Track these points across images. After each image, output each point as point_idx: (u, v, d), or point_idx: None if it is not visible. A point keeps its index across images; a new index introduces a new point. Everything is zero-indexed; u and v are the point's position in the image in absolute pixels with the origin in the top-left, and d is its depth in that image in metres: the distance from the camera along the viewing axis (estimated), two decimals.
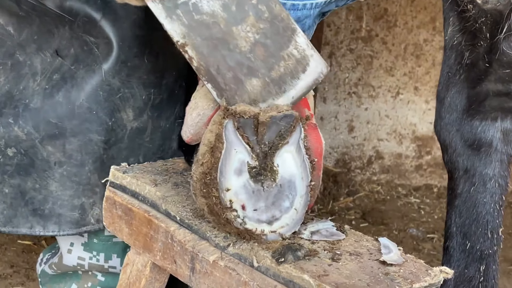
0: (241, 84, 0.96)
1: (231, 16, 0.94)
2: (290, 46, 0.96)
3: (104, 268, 1.42)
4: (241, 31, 0.95)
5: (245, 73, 0.96)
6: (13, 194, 1.32)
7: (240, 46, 0.95)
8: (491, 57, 1.43)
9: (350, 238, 1.03)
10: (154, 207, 1.14)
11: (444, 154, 1.56)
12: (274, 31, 0.95)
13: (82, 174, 1.31)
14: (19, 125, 1.29)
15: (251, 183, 0.99)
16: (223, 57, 0.96)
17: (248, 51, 0.95)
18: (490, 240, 1.51)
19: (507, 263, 2.53)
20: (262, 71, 0.96)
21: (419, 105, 3.02)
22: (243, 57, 0.96)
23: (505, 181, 1.51)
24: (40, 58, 1.28)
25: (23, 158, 1.31)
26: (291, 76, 0.97)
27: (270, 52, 0.96)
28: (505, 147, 1.50)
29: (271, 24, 0.95)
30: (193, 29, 0.95)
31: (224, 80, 0.96)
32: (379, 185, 3.06)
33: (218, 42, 0.95)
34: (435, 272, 0.94)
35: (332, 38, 2.92)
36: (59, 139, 1.30)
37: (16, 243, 2.37)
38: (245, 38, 0.95)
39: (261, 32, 0.95)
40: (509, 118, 1.49)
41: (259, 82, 0.96)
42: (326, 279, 0.89)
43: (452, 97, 1.51)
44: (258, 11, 0.95)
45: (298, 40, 0.96)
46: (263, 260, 0.95)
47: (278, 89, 0.97)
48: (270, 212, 1.00)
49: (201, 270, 1.02)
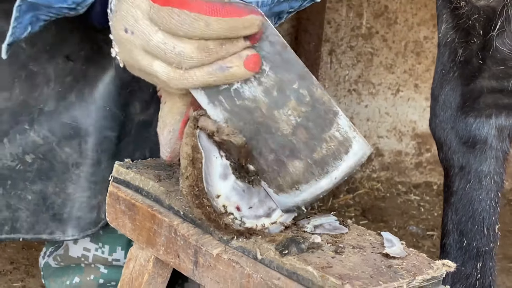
0: (283, 166, 0.98)
1: (273, 100, 0.96)
2: (332, 128, 0.97)
3: (108, 261, 1.43)
4: (283, 114, 0.96)
5: (287, 155, 0.97)
6: (35, 200, 1.33)
7: (282, 129, 0.97)
8: (484, 54, 1.44)
9: (352, 232, 1.04)
10: (158, 202, 1.14)
11: (439, 151, 1.57)
12: (315, 114, 0.97)
13: (99, 173, 1.32)
14: (35, 130, 1.30)
15: (239, 183, 1.00)
16: (265, 140, 0.97)
17: (290, 134, 0.97)
18: (487, 237, 1.51)
19: (507, 260, 2.54)
20: (304, 153, 0.97)
21: (419, 102, 3.03)
22: (285, 140, 0.97)
23: (500, 178, 1.52)
24: (53, 66, 1.29)
25: (42, 163, 1.31)
26: (333, 158, 0.98)
27: (312, 134, 0.97)
28: (500, 144, 1.51)
29: (312, 108, 0.96)
30: (235, 114, 0.97)
31: (266, 162, 0.98)
32: (379, 182, 3.07)
33: (260, 126, 0.97)
34: (437, 265, 0.95)
35: (332, 35, 2.92)
36: (75, 139, 1.31)
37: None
38: (286, 122, 0.97)
39: (303, 115, 0.96)
40: (503, 115, 1.50)
41: (301, 164, 0.98)
42: (329, 271, 0.89)
43: (447, 94, 1.52)
44: (299, 95, 0.96)
45: (340, 123, 0.97)
46: (267, 253, 0.96)
47: (321, 170, 0.98)
48: (266, 204, 1.01)
49: (205, 264, 1.03)
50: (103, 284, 1.46)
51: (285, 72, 0.96)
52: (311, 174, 0.98)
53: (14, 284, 2.12)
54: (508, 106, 1.49)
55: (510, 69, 1.44)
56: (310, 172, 0.98)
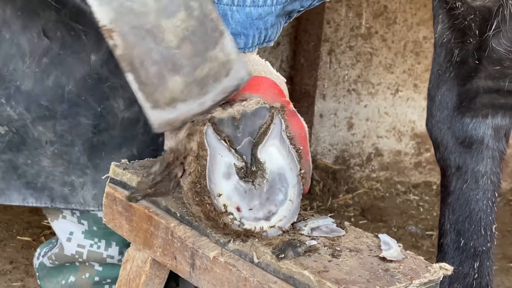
0: (163, 80, 0.94)
1: (162, 8, 0.92)
2: (216, 47, 0.94)
3: (102, 257, 1.43)
4: (171, 25, 0.92)
5: (169, 69, 0.93)
6: (4, 168, 1.36)
7: (168, 41, 0.93)
8: (480, 54, 1.44)
9: (350, 234, 1.03)
10: (155, 204, 1.14)
11: (436, 151, 1.57)
12: (203, 30, 0.93)
13: (72, 154, 1.36)
14: (11, 106, 1.33)
15: (242, 183, 1.00)
16: (149, 50, 0.93)
17: (175, 47, 0.93)
18: (484, 237, 1.51)
19: (506, 260, 2.54)
20: (187, 69, 0.94)
21: (418, 102, 3.03)
22: (169, 53, 0.93)
23: (497, 177, 1.52)
24: (27, 37, 1.29)
25: (14, 136, 1.35)
26: (213, 79, 0.95)
27: (197, 51, 0.93)
28: (497, 143, 1.51)
29: (200, 23, 0.93)
30: (122, 16, 0.92)
31: (147, 74, 0.94)
32: (378, 182, 3.07)
33: (146, 34, 0.92)
34: (434, 268, 0.95)
35: (331, 35, 2.92)
36: (50, 121, 1.34)
37: (15, 239, 2.37)
38: (173, 33, 0.92)
39: (190, 29, 0.93)
40: (499, 115, 1.50)
41: (182, 80, 0.94)
42: (326, 275, 0.89)
43: (443, 95, 1.52)
44: (190, 7, 0.93)
45: (225, 43, 0.95)
46: (263, 256, 0.96)
47: (200, 90, 0.95)
48: (266, 208, 1.01)
49: (201, 266, 1.03)
50: (98, 282, 1.46)
51: None
52: (189, 92, 0.95)
53: (13, 283, 2.13)
54: (505, 106, 1.49)
55: (506, 69, 1.44)
56: (189, 90, 0.94)
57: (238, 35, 1.10)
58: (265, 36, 1.14)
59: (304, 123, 1.10)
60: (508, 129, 1.52)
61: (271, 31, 1.15)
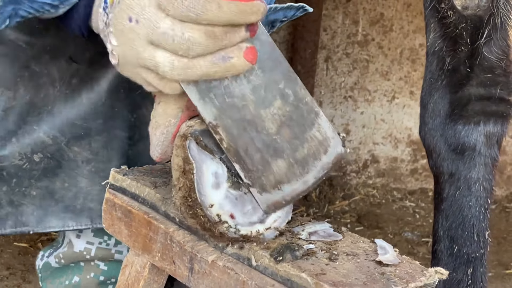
0: (268, 165, 0.99)
1: (260, 99, 0.97)
2: (313, 128, 1.00)
3: (111, 253, 1.44)
4: (269, 113, 0.98)
5: (272, 155, 0.99)
6: (41, 195, 1.35)
7: (268, 128, 0.98)
8: (472, 62, 1.46)
9: (347, 239, 1.04)
10: (154, 209, 1.15)
11: (429, 159, 1.59)
12: (299, 114, 0.99)
13: (110, 169, 1.34)
14: (44, 131, 1.32)
15: (232, 191, 1.01)
16: (251, 139, 0.98)
17: (275, 133, 0.98)
18: (477, 243, 1.52)
19: (501, 267, 2.55)
20: (288, 152, 0.99)
21: (414, 109, 3.04)
22: (270, 139, 0.98)
23: (489, 184, 1.53)
24: (56, 66, 1.30)
25: (49, 162, 1.34)
26: (313, 158, 1.00)
27: (295, 134, 0.99)
28: (489, 150, 1.52)
29: (296, 108, 0.99)
30: (225, 111, 0.97)
31: (252, 162, 0.99)
32: (375, 189, 3.08)
33: (247, 124, 0.98)
34: (430, 272, 0.96)
35: (328, 42, 2.94)
36: (85, 139, 1.33)
37: (12, 245, 2.37)
38: (272, 121, 0.98)
39: (287, 115, 0.98)
40: (491, 122, 1.51)
41: (285, 163, 0.99)
42: (323, 278, 0.90)
43: (435, 102, 1.54)
44: (284, 95, 0.98)
45: (321, 123, 1.00)
46: (261, 259, 0.97)
47: (302, 170, 1.00)
48: (259, 211, 1.02)
49: (200, 271, 1.04)
50: (103, 282, 1.47)
51: (272, 72, 0.97)
52: (293, 174, 0.99)
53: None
54: (496, 113, 1.50)
55: (498, 76, 1.46)
56: (292, 172, 0.99)
57: None
58: None
59: None
60: (500, 136, 1.53)
61: None
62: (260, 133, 0.98)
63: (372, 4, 2.93)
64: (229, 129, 0.98)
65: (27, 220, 1.36)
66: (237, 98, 0.97)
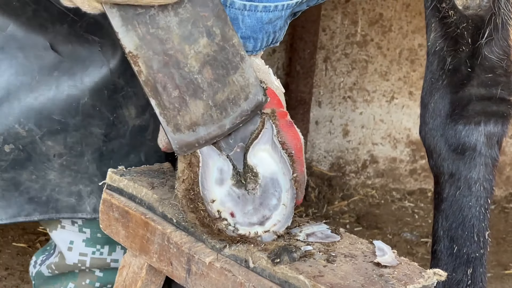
0: (184, 104, 0.96)
1: (186, 34, 0.94)
2: (237, 72, 0.97)
3: (106, 262, 1.43)
4: (193, 50, 0.95)
5: (190, 94, 0.96)
6: (4, 186, 1.33)
7: (190, 66, 0.95)
8: (473, 62, 1.45)
9: (345, 240, 1.04)
10: (151, 210, 1.15)
11: (429, 159, 1.58)
12: (224, 56, 0.96)
13: (81, 163, 1.33)
14: (20, 122, 1.30)
15: (235, 189, 1.00)
16: (171, 75, 0.95)
17: (197, 72, 0.95)
18: (477, 244, 1.52)
19: (500, 267, 2.54)
20: (207, 93, 0.96)
21: (413, 109, 3.04)
22: (191, 77, 0.95)
23: (490, 184, 1.53)
24: (33, 53, 1.28)
25: (20, 154, 1.32)
26: (233, 103, 0.97)
27: (217, 75, 0.96)
28: (489, 150, 1.52)
29: (222, 48, 0.96)
30: (147, 42, 0.94)
31: (169, 99, 0.96)
32: (374, 189, 3.07)
33: (169, 59, 0.95)
34: (428, 274, 0.95)
35: (327, 42, 2.93)
36: (61, 134, 1.32)
37: (10, 245, 2.37)
38: (195, 58, 0.95)
39: (212, 54, 0.96)
40: (492, 122, 1.51)
41: (202, 104, 0.96)
42: (321, 280, 0.90)
43: (436, 102, 1.53)
44: (212, 33, 0.95)
45: (245, 68, 0.97)
46: (259, 261, 0.96)
47: (219, 114, 0.97)
48: (260, 213, 1.02)
49: (197, 272, 1.03)
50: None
51: (202, 8, 0.94)
52: (210, 116, 0.97)
53: None
54: (497, 113, 1.50)
55: (498, 76, 1.46)
56: (210, 114, 0.97)
57: (248, 39, 1.11)
58: (273, 39, 1.15)
59: (300, 134, 1.11)
60: (501, 136, 1.53)
61: (279, 33, 1.16)
62: (182, 69, 0.95)
63: (371, 4, 2.92)
64: (149, 61, 0.94)
65: None
66: (161, 30, 0.93)
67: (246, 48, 1.17)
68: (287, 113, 1.11)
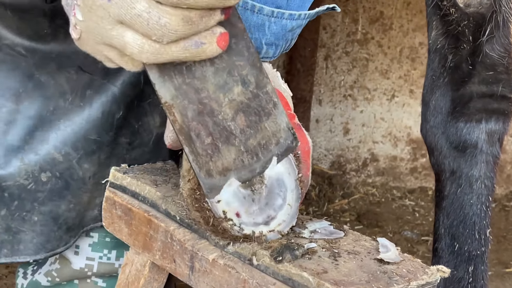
0: (217, 150, 0.97)
1: (221, 83, 0.95)
2: (269, 118, 0.98)
3: (114, 268, 1.40)
4: (227, 98, 0.96)
5: (223, 141, 0.97)
6: (43, 221, 1.27)
7: (224, 113, 0.96)
8: (474, 59, 1.45)
9: (348, 237, 1.04)
10: (154, 207, 1.15)
11: (430, 156, 1.58)
12: (257, 103, 0.97)
13: (106, 175, 1.30)
14: (56, 147, 1.26)
15: (241, 189, 1.00)
16: (205, 123, 0.96)
17: (230, 119, 0.96)
18: (478, 241, 1.52)
19: (501, 265, 2.55)
20: (239, 140, 0.97)
21: (414, 108, 3.04)
22: (225, 124, 0.96)
23: (491, 182, 1.53)
24: (65, 76, 1.25)
25: (57, 182, 1.27)
26: (264, 148, 0.98)
27: (250, 122, 0.97)
28: (491, 148, 1.52)
29: (255, 96, 0.97)
30: (182, 92, 0.94)
31: (202, 146, 0.96)
32: (374, 188, 3.08)
33: (204, 107, 0.95)
34: (432, 270, 0.95)
35: (328, 40, 2.93)
36: (96, 153, 1.28)
37: None
38: (229, 106, 0.96)
39: (245, 102, 0.96)
40: (493, 119, 1.51)
41: (234, 150, 0.97)
42: (325, 277, 0.89)
43: (437, 100, 1.53)
44: (246, 81, 0.96)
45: (277, 114, 0.98)
46: (263, 259, 0.96)
47: (251, 159, 0.98)
48: (265, 213, 1.01)
49: (201, 269, 1.03)
50: None
51: (238, 57, 0.95)
52: (241, 161, 0.98)
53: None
54: (498, 111, 1.50)
55: (500, 74, 1.46)
56: (241, 160, 0.98)
57: (271, 45, 1.11)
58: (288, 46, 1.15)
59: (309, 138, 1.10)
60: (502, 134, 1.53)
61: (293, 41, 1.16)
62: (215, 117, 0.96)
63: (371, 2, 2.92)
64: (184, 110, 0.95)
65: (25, 248, 1.27)
66: (197, 80, 0.94)
67: (267, 55, 1.17)
68: (295, 115, 1.11)
